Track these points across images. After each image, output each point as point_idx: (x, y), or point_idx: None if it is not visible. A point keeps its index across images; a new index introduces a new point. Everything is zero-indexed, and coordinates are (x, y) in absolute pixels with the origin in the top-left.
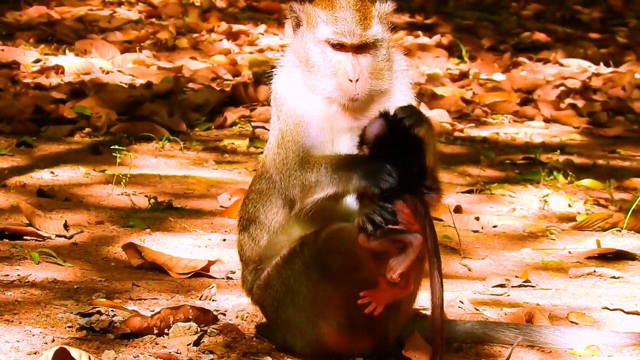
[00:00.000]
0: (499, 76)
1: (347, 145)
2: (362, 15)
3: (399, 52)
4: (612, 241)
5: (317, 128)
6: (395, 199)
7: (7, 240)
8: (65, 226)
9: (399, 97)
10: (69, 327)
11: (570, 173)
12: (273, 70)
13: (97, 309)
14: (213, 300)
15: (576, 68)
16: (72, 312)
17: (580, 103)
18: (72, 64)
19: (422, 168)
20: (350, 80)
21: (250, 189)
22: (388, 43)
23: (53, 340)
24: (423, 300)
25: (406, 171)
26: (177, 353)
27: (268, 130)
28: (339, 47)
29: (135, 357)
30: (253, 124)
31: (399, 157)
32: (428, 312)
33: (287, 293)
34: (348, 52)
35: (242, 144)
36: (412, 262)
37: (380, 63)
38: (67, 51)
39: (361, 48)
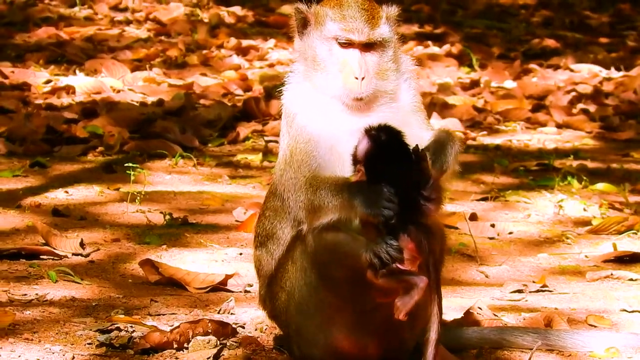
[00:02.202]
0: (510, 83)
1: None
2: (370, 14)
3: (407, 56)
4: (629, 244)
5: (327, 147)
6: (400, 231)
7: (24, 260)
8: (82, 244)
9: (405, 99)
10: (88, 344)
11: (585, 178)
12: (283, 85)
13: (116, 326)
14: (232, 314)
15: (587, 73)
16: (91, 329)
17: (592, 108)
18: (82, 84)
19: (419, 178)
20: (356, 79)
21: (265, 205)
22: (395, 44)
23: (73, 358)
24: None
25: (404, 186)
26: None
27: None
28: (347, 44)
29: None
30: (266, 138)
31: (394, 173)
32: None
33: (293, 303)
34: (355, 50)
35: (255, 158)
36: (417, 302)
37: (387, 63)
38: (77, 71)
39: (368, 47)
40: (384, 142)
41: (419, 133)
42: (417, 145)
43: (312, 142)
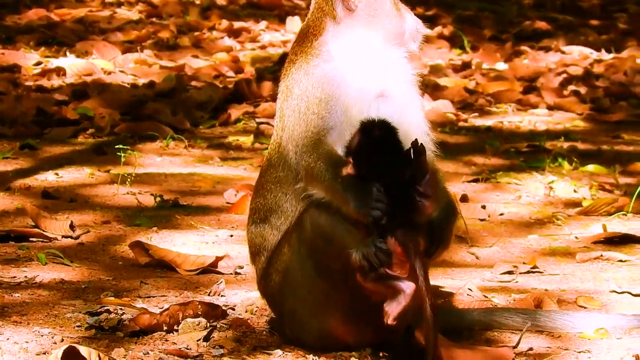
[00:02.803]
0: (501, 65)
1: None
2: None
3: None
4: (619, 225)
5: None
6: (389, 234)
7: (14, 243)
8: (72, 227)
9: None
10: (77, 326)
11: (575, 159)
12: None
13: (105, 308)
14: (222, 296)
15: (578, 55)
16: (80, 312)
17: (582, 90)
18: (73, 66)
19: (414, 173)
20: None
21: (264, 179)
22: None
23: (62, 340)
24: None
25: (395, 182)
26: (187, 349)
27: (272, 125)
28: None
29: (145, 354)
30: (257, 120)
31: (384, 169)
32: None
33: (287, 285)
34: None
35: (246, 140)
36: (405, 307)
37: None
38: (68, 53)
39: None
40: (376, 137)
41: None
42: (416, 139)
43: (336, 94)
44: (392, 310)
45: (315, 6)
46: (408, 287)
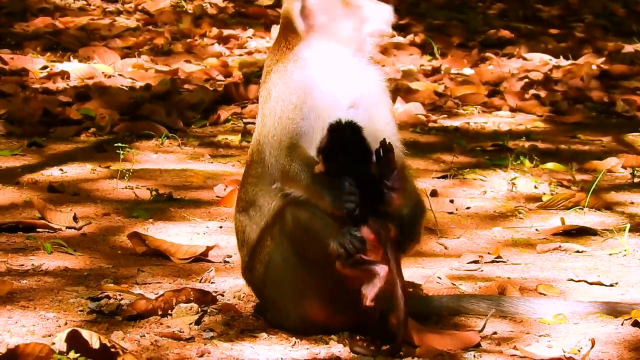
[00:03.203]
0: (468, 71)
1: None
2: None
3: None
4: (575, 219)
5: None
6: (362, 223)
7: (22, 233)
8: (75, 218)
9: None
10: (80, 310)
11: (536, 157)
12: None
13: (105, 294)
14: (212, 283)
15: (538, 61)
16: (82, 297)
17: (542, 93)
18: (76, 70)
19: (382, 169)
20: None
21: (248, 172)
22: None
23: (66, 324)
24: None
25: (364, 178)
26: (180, 332)
27: None
28: None
29: (141, 337)
30: (244, 120)
31: (351, 166)
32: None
33: (268, 274)
34: None
35: (234, 139)
36: (381, 289)
37: None
38: (71, 58)
39: None
40: (344, 137)
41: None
42: (384, 139)
43: (307, 101)
44: (369, 292)
45: (282, 21)
46: (382, 269)
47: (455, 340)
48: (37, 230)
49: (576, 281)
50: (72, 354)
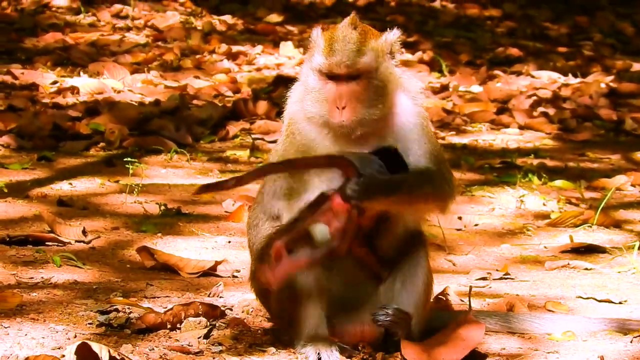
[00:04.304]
0: (476, 88)
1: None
2: (355, 46)
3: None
4: (584, 236)
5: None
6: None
7: (31, 246)
8: (84, 232)
9: (404, 123)
10: (89, 323)
11: (544, 175)
12: (270, 88)
13: (114, 307)
14: (220, 297)
15: (547, 79)
16: (92, 310)
17: (551, 111)
18: (86, 85)
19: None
20: (338, 108)
21: (259, 191)
22: (386, 72)
23: (75, 336)
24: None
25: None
26: (189, 345)
27: (267, 141)
28: (331, 76)
29: (150, 350)
30: (253, 136)
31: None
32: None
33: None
34: (340, 81)
35: (243, 154)
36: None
37: (372, 93)
38: (81, 73)
39: (351, 78)
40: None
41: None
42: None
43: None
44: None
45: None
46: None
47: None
48: (47, 243)
49: (585, 298)
50: None
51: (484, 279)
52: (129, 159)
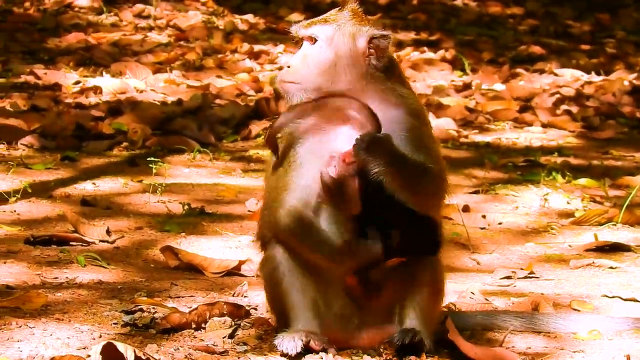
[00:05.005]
0: (499, 86)
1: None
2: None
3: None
4: (609, 234)
5: None
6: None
7: (55, 246)
8: (108, 232)
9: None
10: (114, 323)
11: (568, 173)
12: None
13: (139, 307)
14: (245, 297)
15: (570, 77)
16: (116, 310)
17: (574, 109)
18: (109, 85)
19: None
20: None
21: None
22: (352, 47)
23: (100, 336)
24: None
25: None
26: (214, 345)
27: None
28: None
29: (175, 350)
30: None
31: None
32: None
33: (266, 289)
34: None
35: (266, 153)
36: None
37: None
38: (104, 73)
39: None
40: None
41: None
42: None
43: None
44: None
45: None
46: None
47: (491, 356)
48: (71, 243)
49: (610, 297)
50: None
51: (508, 277)
52: (152, 158)
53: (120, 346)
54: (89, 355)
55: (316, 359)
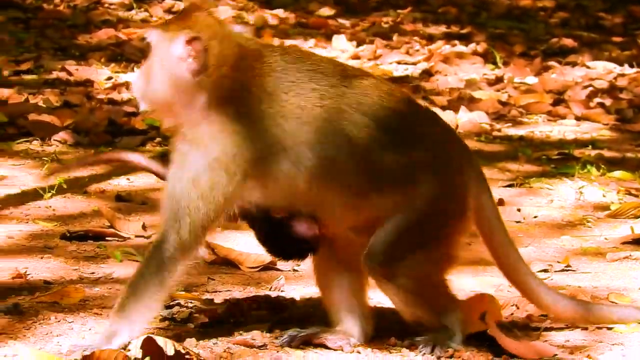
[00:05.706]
0: (531, 79)
1: None
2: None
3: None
4: None
5: None
6: None
7: (92, 242)
8: (144, 227)
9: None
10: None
11: (602, 166)
12: None
13: (177, 301)
14: (282, 291)
15: (602, 70)
16: None
17: (608, 102)
18: None
19: None
20: None
21: None
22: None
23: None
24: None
25: None
26: (253, 339)
27: None
28: None
29: (214, 344)
30: None
31: None
32: None
33: None
34: None
35: None
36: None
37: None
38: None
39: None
40: None
41: None
42: None
43: None
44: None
45: None
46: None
47: (531, 351)
48: (107, 238)
49: None
50: None
51: (545, 271)
52: None
53: (160, 340)
54: (129, 350)
55: (354, 354)
